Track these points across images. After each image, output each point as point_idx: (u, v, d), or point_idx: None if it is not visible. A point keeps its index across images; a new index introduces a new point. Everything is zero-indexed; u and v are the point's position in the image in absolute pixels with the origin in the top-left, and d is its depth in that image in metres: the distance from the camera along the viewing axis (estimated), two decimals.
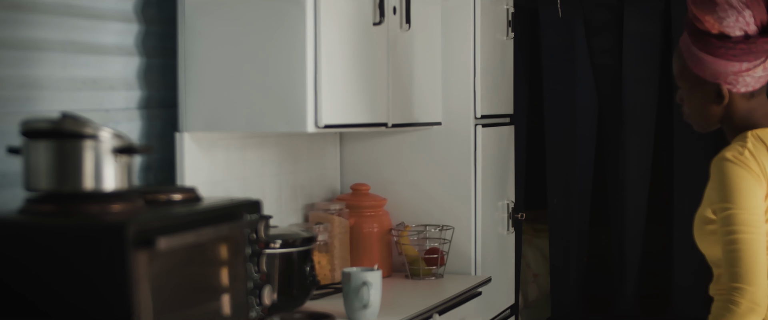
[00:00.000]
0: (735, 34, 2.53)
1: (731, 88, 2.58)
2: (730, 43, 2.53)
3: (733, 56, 2.54)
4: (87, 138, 2.08)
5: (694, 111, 2.66)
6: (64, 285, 2.00)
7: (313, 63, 3.00)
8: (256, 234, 2.42)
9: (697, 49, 2.57)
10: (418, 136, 3.92)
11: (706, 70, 2.57)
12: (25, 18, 2.69)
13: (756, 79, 2.57)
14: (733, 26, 2.53)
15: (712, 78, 2.57)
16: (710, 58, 2.56)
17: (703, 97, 2.61)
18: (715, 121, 2.65)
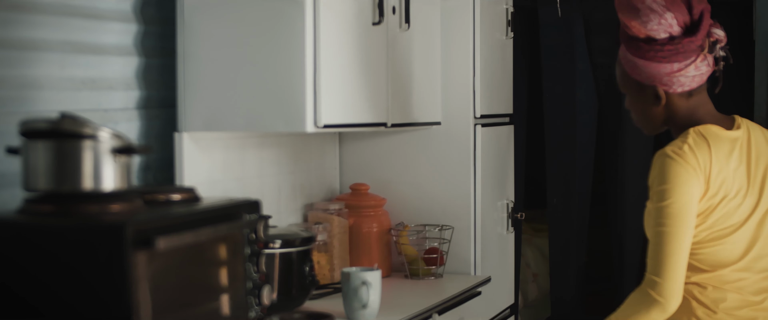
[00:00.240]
0: (660, 37, 2.60)
1: (667, 89, 2.65)
2: (657, 46, 2.60)
3: (663, 58, 2.61)
4: (86, 138, 2.07)
5: (639, 115, 2.74)
6: (62, 286, 2.00)
7: (313, 63, 3.00)
8: (255, 234, 2.42)
9: (631, 54, 2.65)
10: (417, 135, 3.92)
11: (642, 73, 2.65)
12: (24, 18, 2.69)
13: (690, 78, 2.64)
14: (656, 29, 2.59)
15: (648, 81, 2.65)
16: (643, 62, 2.63)
17: (644, 100, 2.69)
18: (659, 122, 2.73)
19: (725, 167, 2.59)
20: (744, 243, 2.61)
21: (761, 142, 2.69)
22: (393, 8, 3.46)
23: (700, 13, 2.62)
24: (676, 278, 2.52)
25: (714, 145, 2.60)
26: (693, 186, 2.54)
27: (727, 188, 2.58)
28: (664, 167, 2.56)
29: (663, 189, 2.54)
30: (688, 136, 2.61)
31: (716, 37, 2.64)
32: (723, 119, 2.72)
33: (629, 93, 2.73)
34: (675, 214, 2.53)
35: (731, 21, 4.83)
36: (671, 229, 2.52)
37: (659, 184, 2.56)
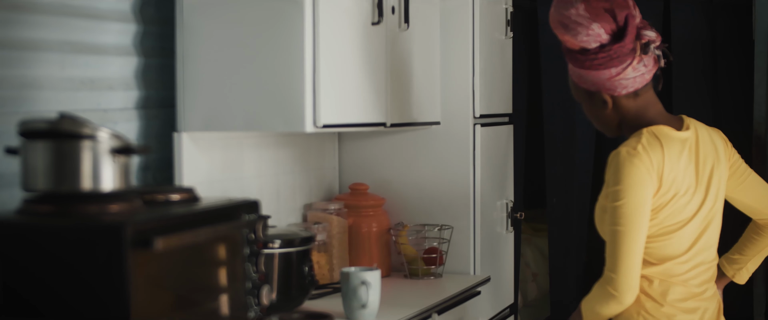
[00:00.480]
0: (592, 46, 2.73)
1: (612, 93, 2.78)
2: (591, 55, 2.73)
3: (600, 65, 2.73)
4: (85, 138, 2.07)
5: (595, 120, 2.87)
6: (61, 286, 2.00)
7: (312, 63, 3.00)
8: (254, 234, 2.42)
9: (573, 65, 2.80)
10: (416, 135, 3.91)
11: (587, 82, 2.79)
12: (23, 18, 2.69)
13: (631, 80, 2.76)
14: (587, 40, 2.73)
15: (593, 88, 2.79)
16: (584, 72, 2.77)
17: (595, 106, 2.82)
18: (614, 124, 2.84)
19: (676, 166, 2.71)
20: (690, 238, 2.76)
21: (708, 142, 2.83)
22: (392, 8, 3.46)
23: (625, 18, 2.72)
24: (630, 274, 2.66)
25: (666, 144, 2.71)
26: (646, 185, 2.66)
27: (677, 186, 2.71)
28: (618, 167, 2.67)
29: (618, 190, 2.66)
30: (642, 136, 2.71)
31: (648, 39, 2.74)
32: (672, 119, 2.83)
33: (582, 101, 2.86)
34: (629, 214, 2.65)
35: (731, 21, 4.83)
36: (626, 228, 2.65)
37: (614, 184, 2.67)
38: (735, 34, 4.84)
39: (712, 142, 2.85)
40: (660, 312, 2.74)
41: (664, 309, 2.74)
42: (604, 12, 2.71)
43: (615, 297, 2.67)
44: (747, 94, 4.73)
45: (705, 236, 2.81)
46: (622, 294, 2.66)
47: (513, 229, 4.24)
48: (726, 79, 4.87)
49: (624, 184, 2.65)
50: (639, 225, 2.66)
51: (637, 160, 2.65)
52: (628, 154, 2.66)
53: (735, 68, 4.84)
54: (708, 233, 2.82)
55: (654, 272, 2.75)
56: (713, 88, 4.87)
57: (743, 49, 4.78)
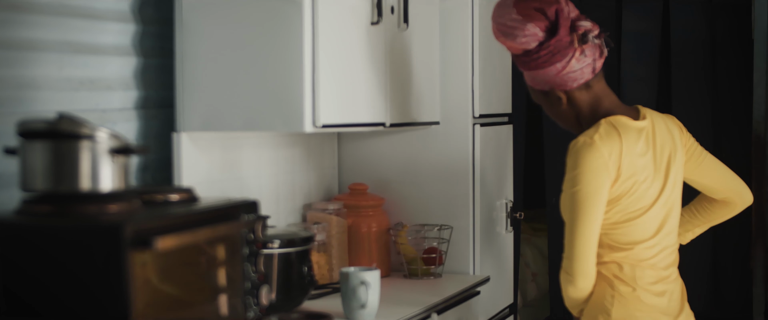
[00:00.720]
0: (532, 46, 2.84)
1: (564, 88, 2.88)
2: (534, 55, 2.84)
3: (544, 63, 2.84)
4: (83, 138, 2.07)
5: (556, 118, 2.98)
6: (60, 286, 1.99)
7: (311, 63, 3.00)
8: (253, 235, 2.42)
9: (523, 69, 2.91)
10: (416, 135, 3.91)
11: (539, 82, 2.90)
12: (22, 18, 2.68)
13: (578, 72, 2.85)
14: (526, 41, 2.84)
15: (547, 87, 2.90)
16: (533, 73, 2.88)
17: (553, 104, 2.93)
18: (573, 119, 2.94)
19: (634, 154, 2.80)
20: (655, 223, 2.85)
21: (664, 130, 2.91)
22: (392, 8, 3.46)
23: (555, 12, 2.82)
24: (583, 259, 2.78)
25: (624, 134, 2.79)
26: (601, 174, 2.75)
27: (636, 174, 2.80)
28: (576, 156, 2.77)
29: (574, 175, 2.77)
30: (600, 126, 2.79)
31: (584, 29, 2.84)
32: (628, 109, 2.92)
33: (540, 102, 2.97)
34: (583, 200, 2.76)
35: (730, 21, 4.83)
36: (579, 215, 2.77)
37: (571, 171, 2.78)
38: (734, 33, 4.84)
39: (669, 130, 2.93)
40: (633, 296, 2.82)
41: (636, 292, 2.83)
42: (534, 11, 2.82)
43: (570, 282, 2.80)
44: (746, 93, 4.73)
45: (669, 221, 2.89)
46: (576, 279, 2.79)
47: (512, 229, 4.24)
48: (725, 79, 4.87)
49: (579, 170, 2.76)
50: (592, 212, 2.76)
51: (594, 150, 2.74)
52: (584, 144, 2.76)
53: (734, 68, 4.85)
54: (671, 218, 2.90)
55: (622, 257, 2.84)
56: (713, 88, 4.87)
57: (742, 49, 4.78)
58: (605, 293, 2.83)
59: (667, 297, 2.89)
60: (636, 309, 2.83)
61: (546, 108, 2.97)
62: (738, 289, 4.91)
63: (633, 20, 4.90)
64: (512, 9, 2.83)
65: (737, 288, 4.91)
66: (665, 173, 2.87)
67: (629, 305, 2.82)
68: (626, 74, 4.93)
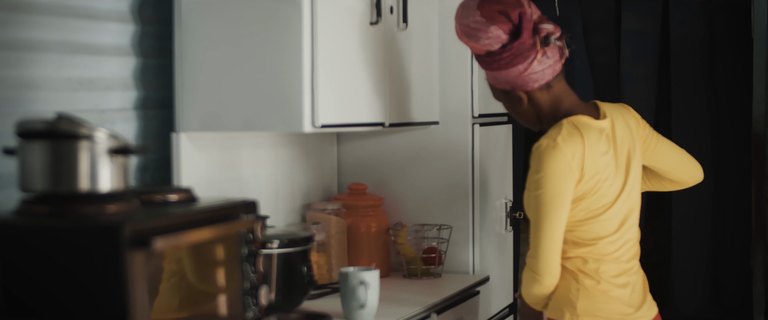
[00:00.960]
0: (495, 48, 2.91)
1: (525, 88, 2.95)
2: (496, 56, 2.91)
3: (507, 64, 2.91)
4: (82, 138, 2.07)
5: (516, 116, 3.04)
6: (59, 286, 1.99)
7: (310, 63, 3.00)
8: (252, 235, 2.42)
9: (485, 69, 2.98)
10: (415, 135, 3.91)
11: (500, 82, 2.97)
12: (21, 18, 2.68)
13: (539, 73, 2.92)
14: (489, 43, 2.91)
15: (507, 87, 2.97)
16: (495, 73, 2.95)
17: (513, 103, 3.00)
18: (533, 118, 3.01)
19: (596, 153, 2.86)
20: (618, 218, 2.92)
21: (623, 126, 2.97)
22: (391, 8, 3.46)
23: (519, 16, 2.89)
24: (548, 258, 2.85)
25: (586, 134, 2.86)
26: (565, 175, 2.82)
27: (599, 172, 2.86)
28: (541, 158, 2.83)
29: (538, 178, 2.83)
30: (563, 127, 2.86)
31: (546, 31, 2.90)
32: (588, 107, 2.99)
33: (500, 100, 3.05)
34: (549, 201, 2.82)
35: (730, 20, 4.83)
36: (544, 216, 2.83)
37: (535, 173, 2.84)
38: (734, 33, 4.84)
39: (627, 125, 3.00)
40: (597, 289, 2.90)
41: (600, 286, 2.90)
42: (498, 14, 2.89)
43: (536, 280, 2.87)
44: (746, 93, 4.72)
45: (631, 215, 2.97)
46: (542, 276, 2.86)
47: (512, 229, 4.24)
48: (725, 78, 4.87)
49: (543, 173, 2.82)
50: (557, 213, 2.83)
51: (557, 152, 2.81)
52: (548, 146, 2.82)
53: (734, 67, 4.84)
54: (633, 212, 2.98)
55: (586, 252, 2.91)
56: (712, 87, 4.87)
57: (742, 48, 4.78)
58: (570, 287, 2.91)
59: (630, 289, 2.95)
60: (600, 301, 2.90)
61: (506, 106, 3.04)
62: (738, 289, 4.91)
63: (632, 20, 4.89)
64: (476, 11, 2.90)
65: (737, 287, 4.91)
66: (626, 169, 2.95)
67: (594, 298, 2.90)
68: (626, 74, 4.92)
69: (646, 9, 4.89)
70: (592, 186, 2.86)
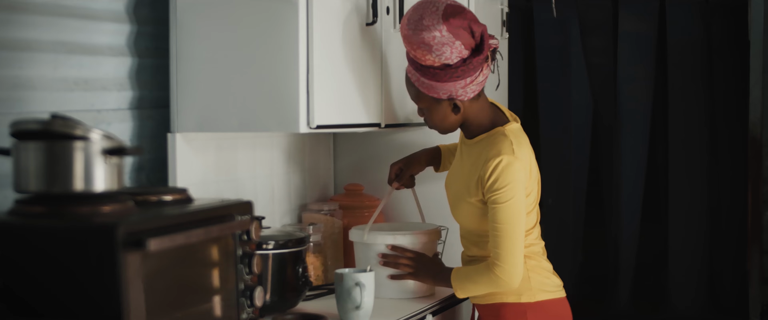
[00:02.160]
0: (454, 62, 3.01)
1: (463, 99, 3.08)
2: (451, 70, 3.02)
3: (458, 77, 3.03)
4: (77, 139, 2.07)
5: (436, 122, 3.16)
6: (54, 286, 1.99)
7: (306, 63, 2.99)
8: (247, 236, 2.42)
9: (427, 79, 3.05)
10: (411, 136, 3.91)
11: (438, 92, 3.06)
12: (16, 18, 2.68)
13: (478, 84, 3.08)
14: (450, 57, 3.00)
15: (445, 96, 3.07)
16: (440, 84, 3.04)
17: (441, 110, 3.12)
18: (456, 125, 3.16)
19: (532, 158, 3.13)
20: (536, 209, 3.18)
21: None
22: (387, 8, 3.46)
23: (481, 34, 3.02)
24: (518, 263, 3.02)
25: (525, 142, 3.12)
26: (525, 182, 3.04)
27: (533, 171, 3.13)
28: (505, 172, 3.00)
29: (506, 190, 3.00)
30: (508, 139, 3.06)
31: (494, 46, 3.09)
32: (498, 112, 3.21)
33: (426, 106, 3.13)
34: (515, 213, 3.01)
35: (727, 21, 4.83)
36: (512, 225, 3.01)
37: (499, 188, 3.01)
38: (731, 34, 4.84)
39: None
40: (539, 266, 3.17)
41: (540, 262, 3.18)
42: (463, 30, 2.98)
43: (505, 282, 3.03)
44: (742, 94, 4.73)
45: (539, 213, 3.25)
46: (512, 280, 3.03)
47: None
48: (721, 80, 4.87)
49: (510, 187, 3.00)
50: (522, 220, 3.03)
51: (519, 165, 3.02)
52: (511, 162, 3.00)
53: (730, 69, 4.85)
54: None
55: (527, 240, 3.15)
56: (709, 89, 4.87)
57: (739, 50, 4.78)
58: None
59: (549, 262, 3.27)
60: (542, 275, 3.16)
61: (429, 112, 3.14)
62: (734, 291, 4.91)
63: (629, 21, 4.90)
64: (442, 26, 2.96)
65: (733, 289, 4.91)
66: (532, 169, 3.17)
67: (539, 272, 3.15)
68: (622, 75, 4.92)
69: (643, 10, 4.89)
70: (532, 185, 3.11)
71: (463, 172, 3.16)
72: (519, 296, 3.13)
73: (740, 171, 4.80)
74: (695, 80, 4.87)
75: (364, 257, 3.38)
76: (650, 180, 5.01)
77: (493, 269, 3.04)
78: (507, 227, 3.01)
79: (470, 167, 3.12)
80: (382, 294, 3.32)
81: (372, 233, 3.37)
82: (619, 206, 4.97)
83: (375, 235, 3.37)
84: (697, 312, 4.94)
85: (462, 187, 3.15)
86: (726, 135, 4.88)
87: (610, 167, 5.02)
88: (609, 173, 5.03)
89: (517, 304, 3.13)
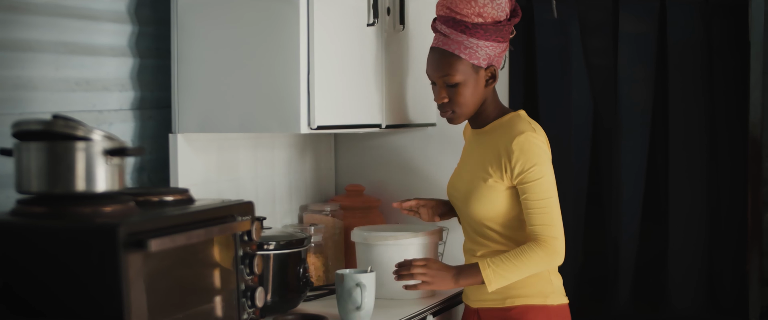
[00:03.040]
0: (501, 19, 3.02)
1: (497, 68, 3.06)
2: (499, 26, 3.00)
3: (501, 39, 3.02)
4: (78, 139, 2.07)
5: (466, 98, 3.05)
6: (56, 286, 2.00)
7: (307, 64, 3.00)
8: (248, 237, 2.42)
9: (476, 38, 2.99)
10: (412, 136, 3.91)
11: (479, 57, 3.01)
12: (18, 19, 2.68)
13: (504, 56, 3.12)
14: (499, 12, 3.01)
15: (486, 62, 3.03)
16: (486, 44, 3.00)
17: (478, 83, 3.05)
18: (479, 104, 3.10)
19: None
20: None
21: None
22: (387, 9, 3.46)
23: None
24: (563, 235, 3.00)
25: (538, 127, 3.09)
26: (550, 158, 3.05)
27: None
28: (532, 147, 2.98)
29: (535, 168, 2.98)
30: (525, 120, 3.07)
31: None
32: None
33: (462, 79, 3.03)
34: (552, 184, 3.01)
35: (727, 22, 4.83)
36: (554, 197, 3.01)
37: (531, 163, 2.97)
38: (731, 35, 4.84)
39: None
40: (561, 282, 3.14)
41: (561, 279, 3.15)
42: None
43: (561, 256, 2.99)
44: (742, 96, 4.73)
45: None
46: (563, 254, 2.99)
47: None
48: (721, 82, 4.87)
49: (540, 163, 2.99)
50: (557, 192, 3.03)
51: (542, 140, 3.02)
52: (535, 138, 2.99)
53: (731, 70, 4.84)
54: None
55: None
56: (709, 91, 4.87)
57: (739, 52, 4.78)
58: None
59: None
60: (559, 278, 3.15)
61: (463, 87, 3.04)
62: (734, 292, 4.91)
63: (630, 22, 4.90)
64: None
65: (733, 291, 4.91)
66: None
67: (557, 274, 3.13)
68: (623, 76, 4.92)
69: (644, 11, 4.89)
70: None
71: (475, 161, 3.10)
72: (545, 298, 3.05)
73: (740, 172, 4.79)
74: (695, 81, 4.87)
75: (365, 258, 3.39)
76: (650, 181, 5.00)
77: (547, 243, 2.96)
78: (550, 200, 2.98)
79: (484, 153, 3.06)
80: (382, 294, 3.32)
81: (374, 233, 3.37)
82: (619, 207, 4.96)
83: (377, 236, 3.37)
84: (697, 313, 4.94)
85: (477, 174, 3.07)
86: (726, 136, 4.87)
87: (610, 168, 5.02)
88: (609, 174, 5.02)
89: (543, 307, 3.05)
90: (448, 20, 3.02)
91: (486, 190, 3.04)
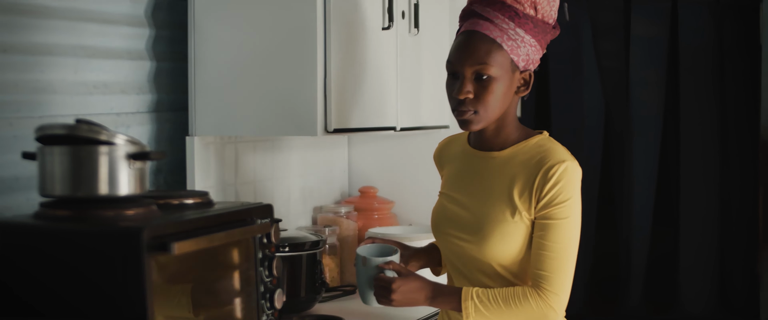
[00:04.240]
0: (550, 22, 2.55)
1: (531, 73, 2.57)
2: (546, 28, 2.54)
3: (544, 43, 2.55)
4: (102, 144, 2.09)
5: (495, 103, 2.51)
6: (79, 289, 2.01)
7: (323, 67, 3.01)
8: (267, 239, 2.44)
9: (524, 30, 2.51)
10: (426, 139, 3.93)
11: (522, 54, 2.51)
12: (37, 23, 2.70)
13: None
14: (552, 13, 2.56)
15: (524, 64, 2.53)
16: (532, 41, 2.52)
17: (511, 85, 2.54)
18: (500, 113, 2.54)
19: None
20: None
21: None
22: (402, 13, 3.47)
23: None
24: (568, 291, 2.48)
25: None
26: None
27: None
28: (570, 180, 2.48)
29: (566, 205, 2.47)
30: (556, 143, 2.58)
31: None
32: None
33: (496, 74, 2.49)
34: (576, 230, 2.49)
35: (739, 24, 4.85)
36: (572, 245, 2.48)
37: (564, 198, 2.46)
38: (742, 37, 4.86)
39: None
40: None
41: None
42: None
43: (555, 313, 2.47)
44: (754, 98, 4.74)
45: None
46: (561, 312, 2.49)
47: None
48: (733, 84, 4.88)
49: (572, 201, 2.47)
50: (578, 242, 2.50)
51: (580, 174, 2.52)
52: (576, 170, 2.51)
53: (742, 72, 4.86)
54: None
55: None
56: (720, 93, 4.89)
57: (750, 54, 4.79)
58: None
59: None
60: None
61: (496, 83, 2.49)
62: (745, 294, 4.92)
63: (642, 24, 4.91)
64: None
65: (744, 292, 4.92)
66: None
67: None
68: (635, 78, 4.94)
69: (655, 14, 4.90)
70: None
71: (487, 191, 2.55)
72: None
73: (751, 174, 4.81)
74: (707, 84, 4.89)
75: None
76: (662, 183, 5.02)
77: (547, 297, 2.45)
78: (566, 247, 2.45)
79: (505, 181, 2.53)
80: None
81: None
82: (630, 208, 4.98)
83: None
84: (708, 314, 4.95)
85: (496, 206, 2.52)
86: (737, 138, 4.89)
87: (621, 170, 5.03)
88: (620, 176, 5.04)
89: None
90: (495, 2, 2.50)
91: (511, 227, 2.49)
